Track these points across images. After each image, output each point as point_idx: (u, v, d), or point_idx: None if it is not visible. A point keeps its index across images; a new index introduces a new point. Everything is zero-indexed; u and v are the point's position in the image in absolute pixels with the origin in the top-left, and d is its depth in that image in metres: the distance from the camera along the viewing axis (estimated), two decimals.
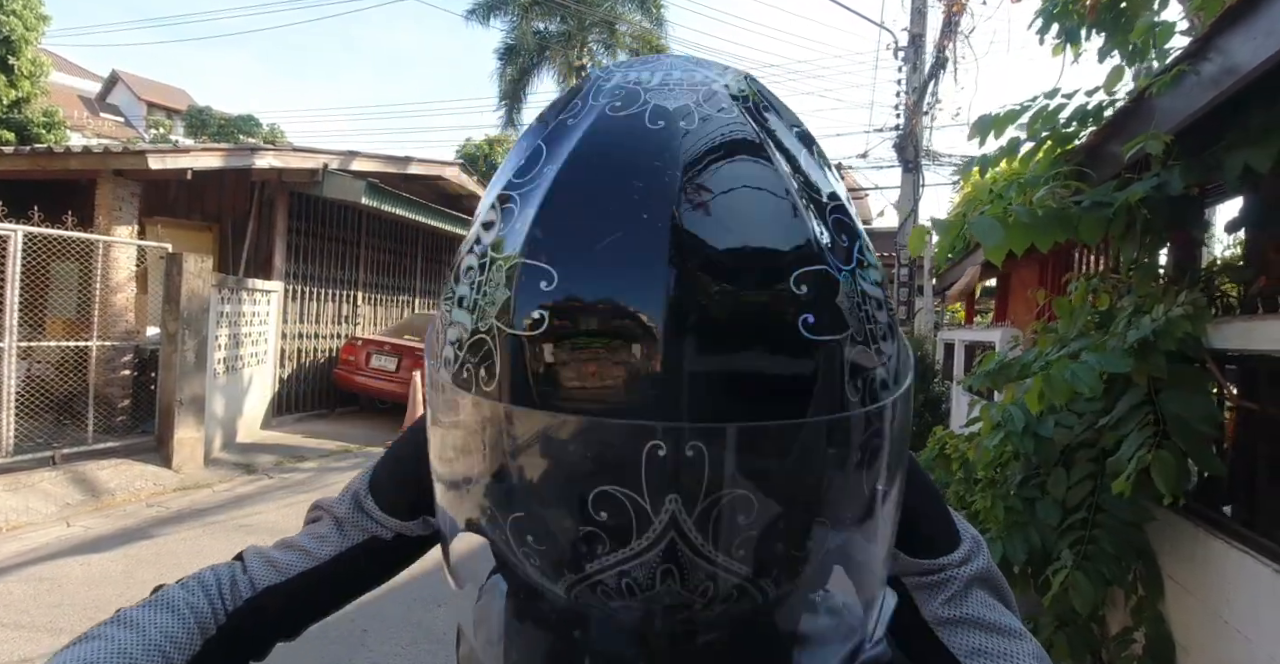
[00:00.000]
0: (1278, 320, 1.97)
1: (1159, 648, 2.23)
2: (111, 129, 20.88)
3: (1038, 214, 2.07)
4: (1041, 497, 2.43)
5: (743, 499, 0.37)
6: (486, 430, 0.41)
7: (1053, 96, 2.50)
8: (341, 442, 6.96)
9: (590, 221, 0.40)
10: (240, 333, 6.75)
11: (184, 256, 5.65)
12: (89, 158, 6.23)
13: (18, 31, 11.27)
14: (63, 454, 4.94)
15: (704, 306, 0.38)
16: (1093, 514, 2.21)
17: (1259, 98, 1.83)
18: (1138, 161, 2.26)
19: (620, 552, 0.38)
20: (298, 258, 8.09)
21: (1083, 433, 2.44)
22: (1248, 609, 1.92)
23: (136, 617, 0.57)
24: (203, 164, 6.60)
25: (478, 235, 0.45)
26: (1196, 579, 2.17)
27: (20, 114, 12.45)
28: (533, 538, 0.41)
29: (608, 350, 0.38)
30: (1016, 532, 2.41)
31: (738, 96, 0.44)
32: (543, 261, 0.39)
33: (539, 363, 0.39)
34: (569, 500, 0.39)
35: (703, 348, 0.37)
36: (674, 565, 0.38)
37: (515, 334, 0.39)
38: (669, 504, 0.37)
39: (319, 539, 0.63)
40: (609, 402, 0.38)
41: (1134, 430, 2.04)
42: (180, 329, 5.50)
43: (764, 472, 0.38)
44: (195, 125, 22.65)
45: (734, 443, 0.37)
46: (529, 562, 0.42)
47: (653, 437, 0.36)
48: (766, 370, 0.39)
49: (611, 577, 0.40)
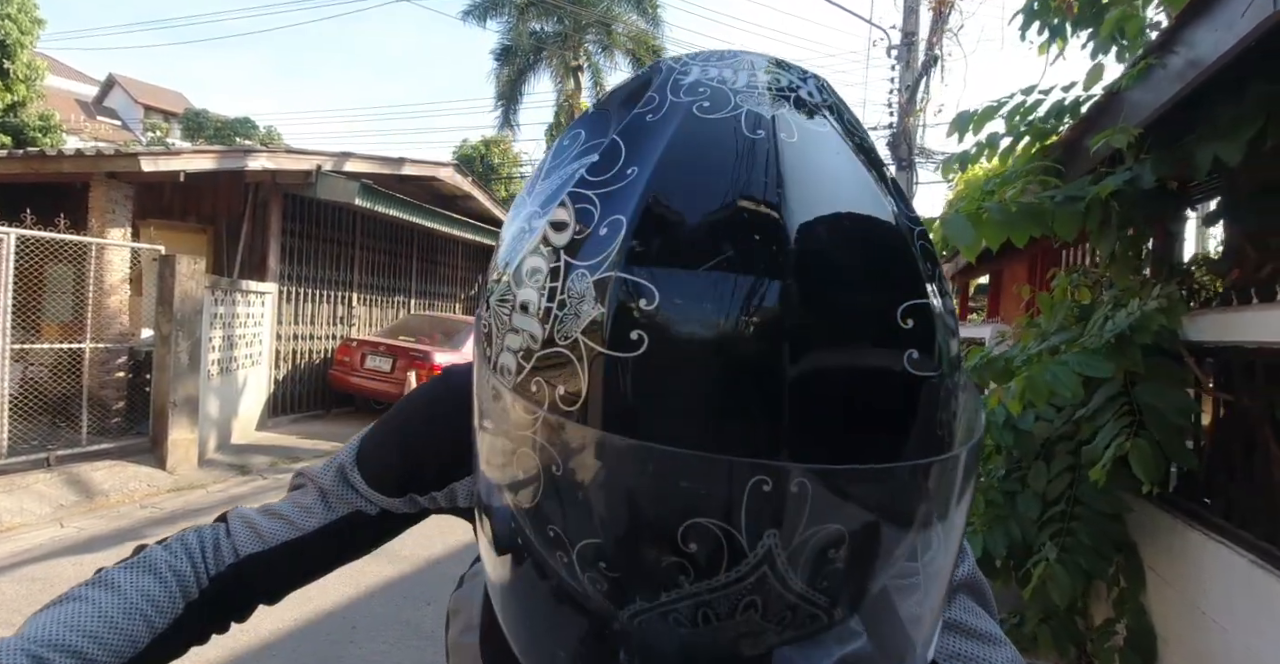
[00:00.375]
0: (1249, 311, 1.99)
1: (1140, 640, 2.25)
2: (108, 132, 20.91)
3: (1011, 210, 2.08)
4: (1022, 490, 2.45)
5: (837, 535, 0.36)
6: (564, 453, 0.38)
7: (1030, 92, 2.52)
8: (336, 442, 6.96)
9: (696, 237, 0.37)
10: (235, 334, 6.77)
11: (177, 258, 5.66)
12: (82, 161, 6.24)
13: (12, 35, 11.28)
14: (57, 456, 4.95)
15: (818, 337, 0.36)
16: (1071, 507, 2.23)
17: (1226, 90, 1.84)
18: (1112, 156, 2.28)
19: (704, 583, 0.36)
20: (292, 259, 8.11)
21: (1062, 426, 2.46)
22: (1223, 599, 1.94)
23: (118, 578, 0.57)
24: (196, 166, 6.61)
25: (545, 235, 0.41)
26: (1176, 571, 2.19)
27: (16, 118, 12.47)
28: (605, 565, 0.39)
29: (713, 378, 0.35)
30: (997, 525, 2.43)
31: (828, 107, 0.43)
32: (643, 278, 0.36)
33: (637, 388, 0.36)
34: (657, 532, 0.37)
35: (814, 380, 0.36)
36: (759, 597, 0.37)
37: (610, 355, 0.36)
38: (766, 539, 0.35)
39: (304, 510, 0.63)
40: (710, 434, 0.35)
41: (1110, 421, 2.06)
42: (173, 331, 5.52)
43: (861, 510, 0.37)
44: (192, 128, 22.67)
45: (838, 481, 0.36)
46: (593, 586, 0.39)
47: (760, 473, 0.34)
48: (873, 404, 0.37)
49: (688, 607, 0.38)
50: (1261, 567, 1.80)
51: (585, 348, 0.36)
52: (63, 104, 19.70)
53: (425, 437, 0.63)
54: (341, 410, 8.62)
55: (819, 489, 0.35)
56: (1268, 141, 1.72)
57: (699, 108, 0.40)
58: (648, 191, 0.38)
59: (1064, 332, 2.51)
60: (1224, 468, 2.16)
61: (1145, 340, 2.11)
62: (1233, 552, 1.93)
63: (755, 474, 0.34)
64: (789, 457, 0.35)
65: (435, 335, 8.25)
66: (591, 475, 0.37)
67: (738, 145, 0.39)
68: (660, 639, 0.41)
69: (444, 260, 11.42)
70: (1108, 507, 2.14)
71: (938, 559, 0.44)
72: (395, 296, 10.14)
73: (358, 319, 9.25)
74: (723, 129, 0.39)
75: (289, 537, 0.62)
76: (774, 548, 0.35)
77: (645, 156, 0.39)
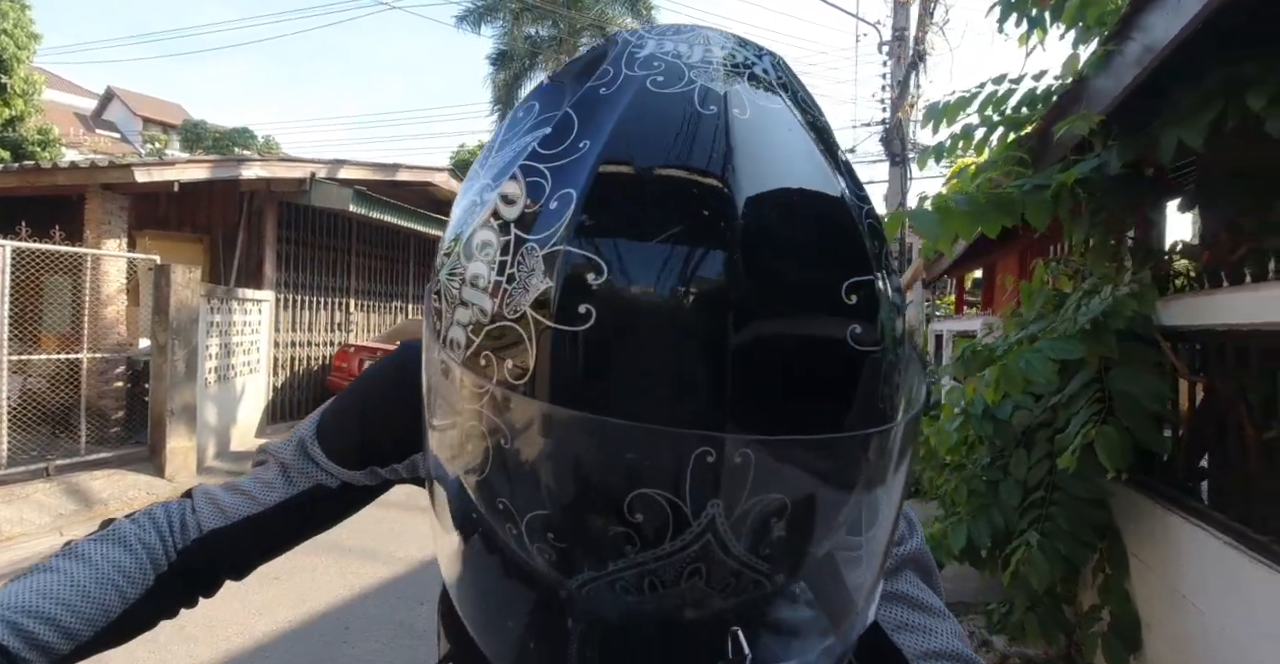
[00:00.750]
0: (1220, 295, 2.00)
1: (1123, 626, 2.25)
2: (107, 145, 21.01)
3: (981, 201, 2.09)
4: (1004, 478, 2.46)
5: (779, 503, 0.37)
6: (512, 426, 0.38)
7: (1000, 82, 2.53)
8: None
9: (645, 211, 0.37)
10: (232, 342, 6.80)
11: (172, 268, 5.70)
12: (77, 173, 6.29)
13: (9, 50, 11.37)
14: (56, 465, 4.99)
15: (763, 313, 0.36)
16: (1050, 493, 2.24)
17: (1186, 75, 1.85)
18: (1081, 144, 2.29)
19: (650, 552, 0.37)
20: (289, 266, 8.15)
21: (1041, 414, 2.47)
22: (1200, 582, 1.95)
23: (88, 550, 0.58)
24: (189, 176, 6.65)
25: (495, 208, 0.41)
26: (1157, 555, 2.20)
27: (15, 132, 12.57)
28: (554, 535, 0.39)
29: (660, 351, 0.36)
30: (981, 514, 2.43)
31: (782, 85, 0.43)
32: (591, 251, 0.36)
33: (585, 361, 0.36)
34: (603, 503, 0.37)
35: (759, 353, 0.36)
36: (703, 564, 0.38)
37: (558, 328, 0.36)
38: (710, 509, 0.36)
39: (265, 485, 0.63)
40: (658, 407, 0.36)
41: (1082, 408, 2.07)
42: (170, 339, 5.55)
43: (802, 479, 0.38)
44: (191, 139, 22.80)
45: (780, 452, 0.37)
46: (541, 556, 0.40)
47: (704, 444, 0.35)
48: (816, 377, 0.38)
49: (634, 576, 0.39)
50: (1234, 547, 1.81)
51: (534, 321, 0.37)
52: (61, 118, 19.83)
53: (385, 409, 0.63)
54: None
55: (761, 459, 0.36)
56: (1228, 123, 1.73)
57: (653, 82, 0.40)
58: (598, 165, 0.38)
59: (1042, 320, 2.52)
60: (1201, 452, 2.17)
61: (1119, 326, 2.12)
62: (1208, 534, 1.94)
63: (699, 446, 0.35)
64: (733, 428, 0.35)
65: None
66: (539, 448, 0.38)
67: (689, 120, 0.39)
68: (607, 607, 0.42)
69: None
70: (1085, 492, 2.14)
71: (876, 528, 0.45)
72: (393, 302, 10.18)
73: (355, 325, 9.28)
74: (675, 103, 0.39)
75: (251, 511, 0.62)
76: (717, 517, 0.36)
77: (597, 130, 0.39)
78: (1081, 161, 2.13)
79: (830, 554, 0.44)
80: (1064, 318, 2.24)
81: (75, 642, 0.54)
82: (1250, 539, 1.77)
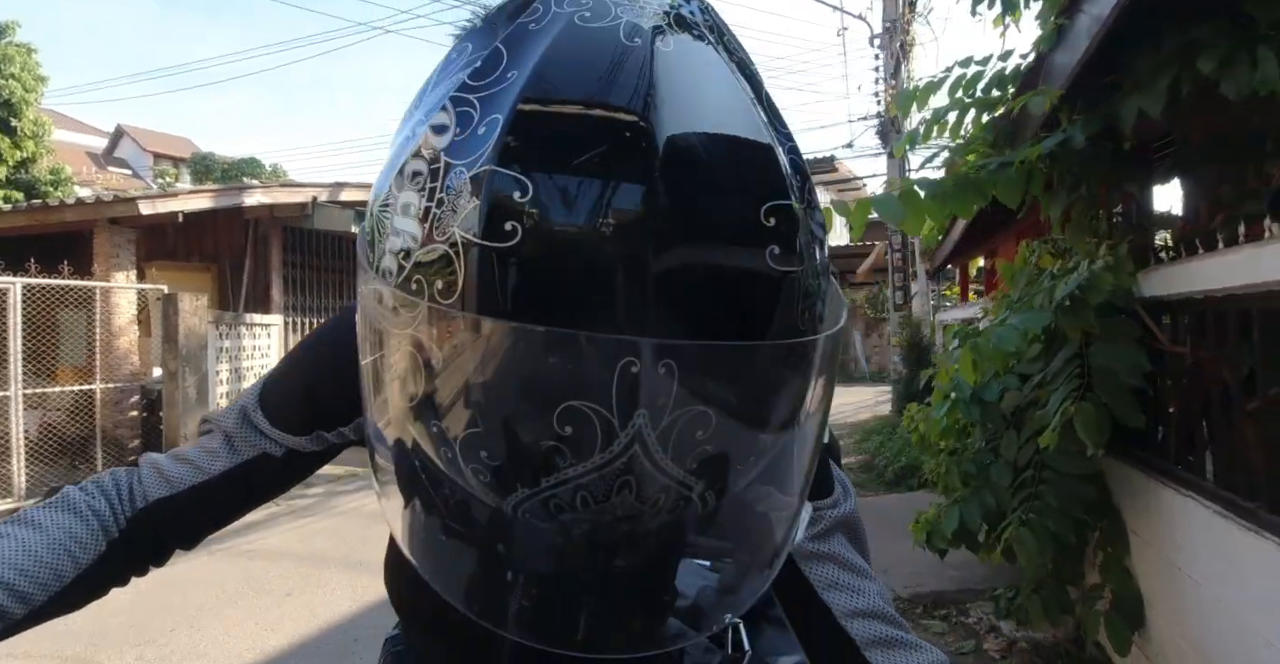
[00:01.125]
0: (1195, 262, 1.98)
1: (1125, 603, 2.23)
2: (119, 182, 21.44)
3: (948, 185, 2.09)
4: (995, 460, 2.44)
5: (703, 415, 0.38)
6: (444, 345, 0.39)
7: (967, 65, 2.53)
8: (349, 466, 7.04)
9: (568, 133, 0.39)
10: (242, 367, 6.90)
11: (179, 296, 5.81)
12: (84, 208, 6.44)
13: (17, 94, 11.66)
14: None
15: (683, 229, 0.38)
16: (1039, 471, 2.22)
17: (1144, 44, 1.85)
18: (1051, 121, 2.29)
19: (581, 466, 0.38)
20: (295, 290, 8.27)
21: (1030, 393, 2.45)
22: (1193, 553, 1.93)
23: (39, 517, 0.58)
24: (193, 206, 6.78)
25: (426, 139, 0.42)
26: (1153, 530, 2.17)
27: (28, 174, 12.85)
28: (486, 454, 0.40)
29: (584, 266, 0.38)
30: (973, 496, 2.42)
31: (709, 27, 0.45)
32: (516, 171, 0.38)
33: (511, 276, 0.37)
34: (533, 416, 0.39)
35: (679, 269, 0.38)
36: (632, 478, 0.39)
37: (485, 245, 0.37)
38: (637, 419, 0.37)
39: (210, 454, 0.63)
40: (583, 318, 0.37)
41: (1061, 385, 2.06)
42: (180, 366, 5.65)
43: (725, 390, 0.39)
44: (200, 171, 23.17)
45: (702, 362, 0.38)
46: (477, 478, 0.41)
47: (628, 353, 0.36)
48: (735, 294, 0.40)
49: (566, 491, 0.39)
50: (1222, 516, 1.78)
51: (462, 241, 0.38)
52: (73, 157, 20.24)
53: (328, 370, 0.62)
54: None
55: (685, 369, 0.37)
56: (1183, 90, 1.73)
57: (580, 17, 0.42)
58: (524, 92, 0.39)
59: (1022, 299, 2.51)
60: (1193, 424, 2.15)
61: (1099, 300, 2.10)
62: (1198, 504, 1.91)
63: (623, 356, 0.36)
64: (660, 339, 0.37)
65: None
66: (471, 364, 0.39)
67: (614, 51, 0.40)
68: (542, 528, 0.43)
69: None
70: (1073, 469, 2.13)
71: (798, 451, 0.47)
72: None
73: None
74: (604, 36, 0.41)
75: (195, 481, 0.62)
76: (644, 428, 0.37)
77: (524, 61, 0.41)
78: (1047, 138, 2.13)
79: (753, 477, 0.45)
80: (1038, 290, 2.23)
81: (29, 606, 0.55)
82: (1238, 506, 1.74)
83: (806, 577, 0.60)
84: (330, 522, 4.69)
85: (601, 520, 0.42)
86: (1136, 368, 2.03)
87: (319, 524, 4.63)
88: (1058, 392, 2.03)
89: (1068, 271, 2.28)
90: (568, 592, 0.49)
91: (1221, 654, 1.79)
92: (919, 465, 3.54)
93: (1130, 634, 2.14)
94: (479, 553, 0.50)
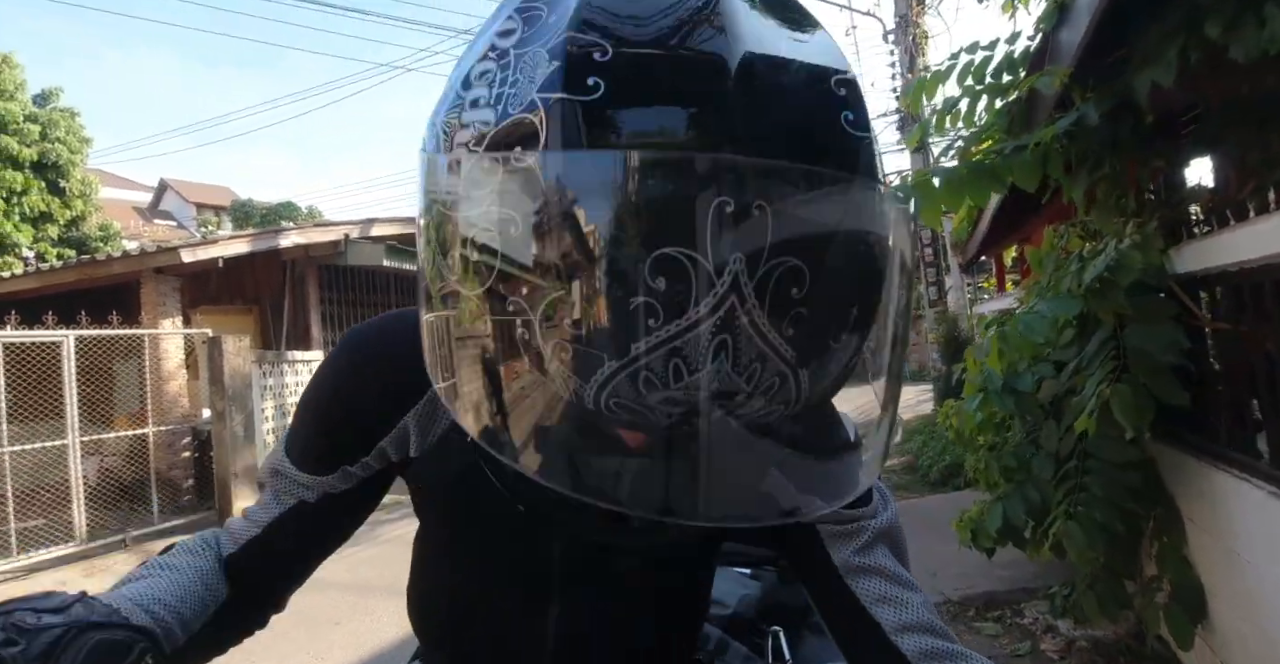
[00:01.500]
0: (1226, 234, 1.91)
1: (1185, 594, 2.13)
2: (165, 233, 22.30)
3: (963, 172, 2.06)
4: (1036, 453, 2.37)
5: (797, 270, 0.37)
6: (528, 203, 0.38)
7: (974, 51, 2.49)
8: (393, 494, 7.07)
9: (639, 12, 0.40)
10: (286, 403, 7.07)
11: (223, 339, 5.99)
12: (129, 261, 6.71)
13: (64, 156, 12.26)
14: (132, 536, 5.25)
15: (765, 82, 0.39)
16: (1082, 461, 2.14)
17: (1150, 15, 1.80)
18: (1065, 101, 2.23)
19: (674, 325, 0.36)
20: (333, 325, 8.46)
21: (1068, 381, 2.37)
22: (1249, 537, 1.84)
23: (171, 561, 0.62)
24: (232, 252, 7.02)
25: (492, 43, 0.43)
26: (1209, 516, 2.08)
27: (78, 231, 13.47)
28: (570, 323, 0.38)
29: (669, 120, 0.38)
30: (1015, 492, 2.34)
31: None
32: (595, 36, 0.38)
33: (596, 127, 0.37)
34: (625, 267, 0.36)
35: (761, 115, 0.38)
36: (729, 336, 0.36)
37: (569, 98, 0.37)
38: (733, 264, 0.35)
39: (262, 508, 0.66)
40: (670, 160, 0.37)
41: (1097, 369, 1.99)
42: (227, 406, 5.82)
43: (817, 244, 0.39)
44: (240, 218, 23.98)
45: (793, 202, 0.37)
46: (560, 357, 0.39)
47: (720, 192, 0.35)
48: (819, 147, 0.40)
49: (659, 359, 0.37)
50: (1277, 497, 1.70)
51: (541, 102, 0.38)
52: (121, 213, 21.15)
53: (336, 404, 0.63)
54: None
55: (779, 211, 0.36)
56: (1192, 57, 1.67)
57: None
58: None
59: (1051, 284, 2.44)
60: (1235, 403, 2.06)
61: (1130, 280, 2.04)
62: (1252, 486, 1.83)
63: (717, 196, 0.35)
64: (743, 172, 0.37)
65: None
66: (555, 217, 0.37)
67: None
68: (635, 407, 0.40)
69: None
70: (1117, 456, 2.04)
71: (881, 351, 0.45)
72: None
73: None
74: None
75: (250, 535, 0.65)
76: (740, 275, 0.35)
77: None
78: (1061, 118, 2.08)
79: (847, 357, 0.43)
80: (1065, 274, 2.16)
81: (188, 632, 0.59)
82: None
83: (854, 592, 0.59)
84: (375, 551, 4.75)
85: (695, 396, 0.38)
86: (1174, 346, 1.95)
87: (364, 553, 4.69)
88: (1093, 376, 1.97)
89: (1096, 253, 2.21)
90: (672, 463, 0.45)
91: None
92: (962, 464, 3.44)
93: (1193, 626, 2.04)
94: (575, 437, 0.46)
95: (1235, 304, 1.94)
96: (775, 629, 0.90)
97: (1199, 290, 2.14)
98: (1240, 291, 1.90)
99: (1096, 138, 2.12)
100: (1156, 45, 1.80)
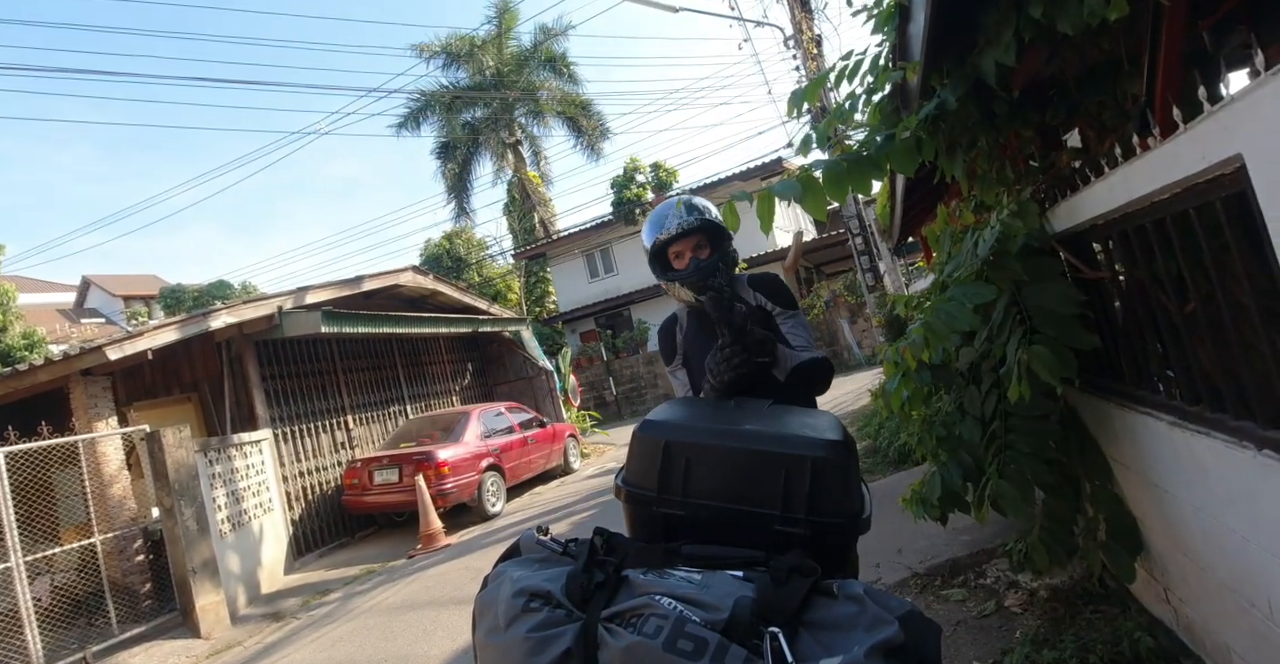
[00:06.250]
0: (1083, 191, 2.04)
1: (1120, 529, 2.23)
2: (93, 332, 21.48)
3: (842, 165, 2.16)
4: (962, 419, 2.46)
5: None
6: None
7: (848, 58, 2.63)
8: (365, 564, 6.94)
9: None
10: (239, 488, 6.85)
11: (162, 432, 5.80)
12: (53, 367, 6.45)
13: None
14: (93, 652, 4.98)
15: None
16: (1004, 420, 2.24)
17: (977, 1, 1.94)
18: (926, 90, 2.37)
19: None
20: (279, 401, 8.25)
21: (982, 346, 2.48)
22: (1164, 466, 1.94)
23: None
24: (161, 341, 6.81)
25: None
26: (1128, 453, 2.19)
27: (1, 343, 12.92)
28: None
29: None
30: (950, 459, 2.43)
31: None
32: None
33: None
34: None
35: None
36: None
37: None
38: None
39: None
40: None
41: (1010, 336, 2.10)
42: (175, 501, 5.61)
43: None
44: (171, 304, 23.29)
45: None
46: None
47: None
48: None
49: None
50: (1179, 425, 1.81)
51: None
52: (45, 317, 20.32)
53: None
54: (365, 532, 8.55)
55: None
56: (1025, 37, 1.81)
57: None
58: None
59: (953, 260, 2.56)
60: (1131, 344, 2.19)
61: (1017, 248, 2.16)
62: (1154, 419, 1.94)
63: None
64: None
65: (434, 433, 8.29)
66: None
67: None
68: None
69: (430, 359, 11.55)
70: (1031, 410, 2.15)
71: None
72: (390, 407, 10.23)
73: (358, 439, 9.32)
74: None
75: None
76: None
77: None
78: (924, 106, 2.21)
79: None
80: (965, 253, 2.28)
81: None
82: (1187, 413, 1.78)
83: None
84: (350, 626, 4.61)
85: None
86: (1069, 298, 2.07)
87: (338, 630, 4.55)
88: (1009, 343, 2.07)
89: (984, 226, 2.34)
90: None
91: (1211, 559, 1.79)
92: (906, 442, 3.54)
93: (1132, 558, 2.14)
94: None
95: (1118, 252, 2.08)
96: (774, 630, 0.92)
97: (1092, 243, 2.28)
98: (1109, 241, 2.04)
99: (967, 118, 2.25)
100: (994, 29, 1.94)
